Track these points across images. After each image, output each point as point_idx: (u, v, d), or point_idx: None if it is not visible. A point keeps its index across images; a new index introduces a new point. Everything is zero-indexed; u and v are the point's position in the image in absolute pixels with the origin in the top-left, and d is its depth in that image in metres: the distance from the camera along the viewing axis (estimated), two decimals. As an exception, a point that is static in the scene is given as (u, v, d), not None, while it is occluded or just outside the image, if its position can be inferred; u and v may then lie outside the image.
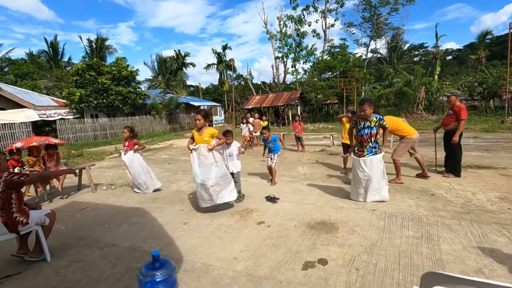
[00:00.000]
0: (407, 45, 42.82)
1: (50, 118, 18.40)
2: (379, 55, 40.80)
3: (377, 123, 4.35)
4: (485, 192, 4.59)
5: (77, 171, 3.02)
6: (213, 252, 3.10)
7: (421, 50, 53.18)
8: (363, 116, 4.38)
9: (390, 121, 5.43)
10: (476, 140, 10.43)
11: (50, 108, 19.65)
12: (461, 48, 60.01)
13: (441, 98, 23.26)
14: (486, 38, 40.28)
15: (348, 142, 5.60)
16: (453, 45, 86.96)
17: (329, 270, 2.63)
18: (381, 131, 4.54)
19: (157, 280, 2.04)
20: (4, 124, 14.81)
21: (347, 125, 6.11)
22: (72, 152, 12.02)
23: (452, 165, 5.59)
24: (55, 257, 3.15)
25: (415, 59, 48.42)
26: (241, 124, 11.59)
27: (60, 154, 11.42)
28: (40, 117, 17.79)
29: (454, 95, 5.61)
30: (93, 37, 37.27)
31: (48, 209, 3.14)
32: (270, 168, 5.73)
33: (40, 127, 19.80)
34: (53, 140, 5.36)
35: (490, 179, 5.28)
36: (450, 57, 57.90)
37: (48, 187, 5.51)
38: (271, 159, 5.68)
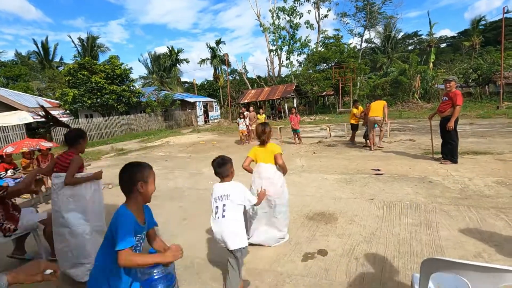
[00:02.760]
0: (401, 33, 42.73)
1: (43, 120, 18.20)
2: (373, 45, 40.67)
3: None
4: (482, 177, 4.61)
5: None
6: (213, 247, 3.08)
7: (415, 39, 53.01)
8: None
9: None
10: (472, 126, 10.47)
11: (44, 110, 19.40)
12: (455, 35, 59.88)
13: (436, 86, 23.30)
14: (480, 24, 40.23)
15: (354, 122, 8.94)
16: (447, 32, 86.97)
17: (329, 261, 2.62)
18: None
19: (155, 277, 2.02)
20: (-3, 127, 14.61)
21: (355, 111, 8.92)
22: (68, 153, 11.91)
23: (449, 151, 5.60)
24: (52, 256, 3.12)
25: (409, 47, 48.33)
26: (238, 119, 11.52)
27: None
28: (33, 118, 17.59)
29: (455, 80, 5.63)
30: (84, 36, 36.72)
31: (44, 214, 3.08)
32: None
33: (35, 129, 19.61)
34: (45, 144, 5.26)
35: (487, 164, 5.30)
36: (444, 45, 57.79)
37: (43, 188, 5.44)
38: None
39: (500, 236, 2.79)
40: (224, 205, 2.30)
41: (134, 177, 1.56)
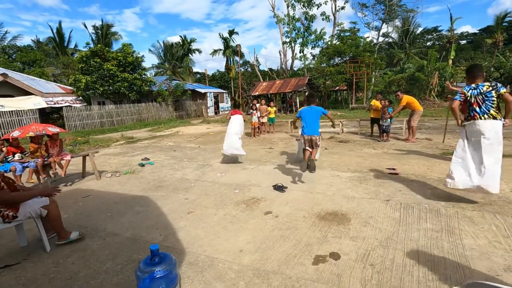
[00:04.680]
0: (420, 29, 41.21)
1: (57, 105, 18.44)
2: (390, 40, 39.42)
3: None
4: (508, 182, 4.30)
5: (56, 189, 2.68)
6: (218, 243, 2.94)
7: (434, 34, 51.09)
8: None
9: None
10: (493, 127, 9.96)
11: (57, 95, 19.68)
12: (477, 32, 57.48)
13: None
14: (504, 21, 38.38)
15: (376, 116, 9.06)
16: (468, 29, 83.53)
17: (342, 266, 2.44)
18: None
19: (157, 276, 1.88)
20: (12, 111, 14.87)
21: (378, 104, 8.95)
22: (79, 139, 12.01)
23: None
24: (56, 246, 3.05)
25: (428, 43, 46.65)
26: (251, 110, 11.29)
27: (67, 141, 11.43)
28: (47, 104, 17.84)
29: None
30: (98, 23, 36.85)
31: (46, 199, 2.99)
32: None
33: (48, 114, 19.94)
34: (52, 130, 5.20)
35: (512, 168, 4.97)
36: (464, 42, 55.60)
37: (51, 173, 5.42)
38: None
39: (531, 248, 2.54)
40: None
41: None
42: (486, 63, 25.97)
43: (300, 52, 30.14)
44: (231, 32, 37.89)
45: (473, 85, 3.67)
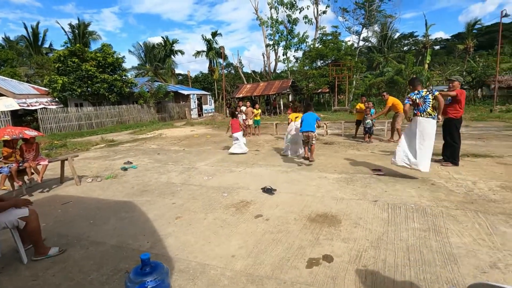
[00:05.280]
0: (397, 34, 42.79)
1: (31, 107, 17.52)
2: (370, 44, 40.62)
3: None
4: (486, 181, 4.50)
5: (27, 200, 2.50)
6: (209, 249, 2.87)
7: (411, 39, 53.28)
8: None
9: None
10: (467, 128, 10.46)
11: (31, 97, 18.72)
12: (449, 38, 60.53)
13: (431, 87, 23.38)
14: (474, 28, 40.61)
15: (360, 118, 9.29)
16: (441, 35, 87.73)
17: (336, 268, 2.44)
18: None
19: (148, 287, 1.79)
20: (-19, 113, 13.96)
21: (362, 106, 9.13)
22: (55, 142, 11.45)
23: (451, 154, 5.49)
24: (35, 256, 2.85)
25: (405, 48, 48.54)
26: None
27: (42, 144, 10.86)
28: (20, 106, 16.92)
29: (458, 80, 5.53)
30: (74, 22, 35.52)
31: (25, 210, 2.79)
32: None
33: (21, 117, 18.91)
34: (29, 133, 4.89)
35: (488, 168, 5.21)
36: (438, 47, 58.32)
37: (26, 179, 5.10)
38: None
39: (512, 244, 2.65)
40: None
41: None
42: (459, 67, 27.34)
43: (283, 55, 30.48)
44: (214, 34, 37.70)
45: (416, 91, 4.82)
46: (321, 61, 27.25)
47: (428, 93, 4.71)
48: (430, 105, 4.64)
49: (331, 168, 5.80)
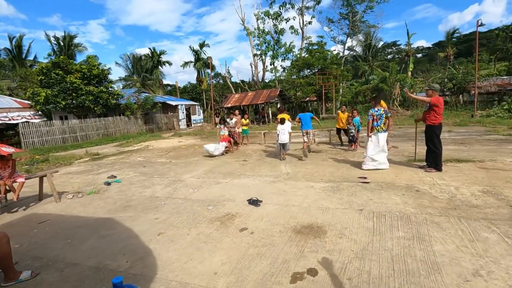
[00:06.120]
0: (381, 43, 44.11)
1: (12, 121, 17.02)
2: (355, 53, 41.69)
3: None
4: (468, 186, 4.57)
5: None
6: (191, 266, 2.77)
7: (394, 48, 55.06)
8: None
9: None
10: (450, 134, 10.73)
11: (13, 110, 18.24)
12: (430, 46, 62.87)
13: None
14: (453, 36, 42.33)
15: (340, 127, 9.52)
16: (423, 43, 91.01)
17: (320, 282, 2.38)
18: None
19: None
20: (-42, 128, 13.44)
21: (342, 115, 9.35)
22: (37, 157, 11.08)
23: (433, 160, 5.59)
24: (4, 282, 2.68)
25: (388, 56, 50.05)
26: (219, 125, 10.86)
27: (23, 160, 10.50)
28: (1, 120, 16.42)
29: (431, 89, 5.74)
30: (60, 34, 35.10)
31: None
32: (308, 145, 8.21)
33: (2, 131, 18.32)
34: (6, 150, 4.69)
35: (471, 173, 5.31)
36: (420, 55, 60.37)
37: (2, 196, 4.86)
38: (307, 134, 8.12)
39: (494, 250, 2.67)
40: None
41: None
42: (440, 74, 28.24)
43: (270, 65, 30.84)
44: (202, 45, 37.89)
45: (376, 109, 6.11)
46: (308, 70, 27.68)
47: (383, 113, 6.01)
48: (383, 122, 6.00)
49: (318, 177, 5.80)
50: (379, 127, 5.99)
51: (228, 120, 10.97)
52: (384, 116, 6.00)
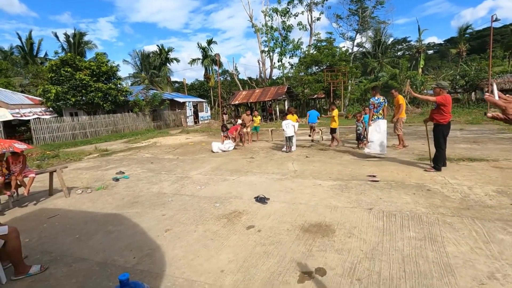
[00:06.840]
0: (391, 39, 43.28)
1: (24, 117, 17.36)
2: (364, 50, 41.04)
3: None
4: (481, 186, 4.44)
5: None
6: (197, 263, 2.75)
7: (404, 44, 54.01)
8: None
9: None
10: (462, 132, 10.47)
11: (25, 107, 18.58)
12: (442, 42, 61.48)
13: (425, 91, 23.57)
14: (466, 32, 41.24)
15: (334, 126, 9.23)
16: (434, 39, 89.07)
17: (329, 282, 2.34)
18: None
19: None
20: (-28, 124, 13.78)
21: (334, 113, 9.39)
22: (48, 152, 11.28)
23: (434, 158, 5.47)
24: (14, 276, 2.72)
25: (398, 53, 49.11)
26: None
27: (34, 155, 10.70)
28: (13, 116, 16.76)
29: (439, 87, 5.45)
30: (70, 32, 35.61)
31: (5, 228, 2.66)
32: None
33: (15, 127, 18.72)
34: (19, 146, 4.76)
35: (484, 172, 5.16)
36: (431, 52, 59.17)
37: (13, 191, 4.94)
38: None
39: (510, 253, 2.57)
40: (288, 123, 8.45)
41: None
42: (452, 71, 27.62)
43: (278, 61, 30.65)
44: (210, 42, 37.90)
45: (376, 97, 6.98)
46: (316, 67, 27.38)
47: (382, 101, 6.95)
48: (381, 109, 6.94)
49: (326, 175, 5.72)
50: (378, 113, 6.94)
51: (232, 121, 11.05)
52: (383, 104, 6.95)
